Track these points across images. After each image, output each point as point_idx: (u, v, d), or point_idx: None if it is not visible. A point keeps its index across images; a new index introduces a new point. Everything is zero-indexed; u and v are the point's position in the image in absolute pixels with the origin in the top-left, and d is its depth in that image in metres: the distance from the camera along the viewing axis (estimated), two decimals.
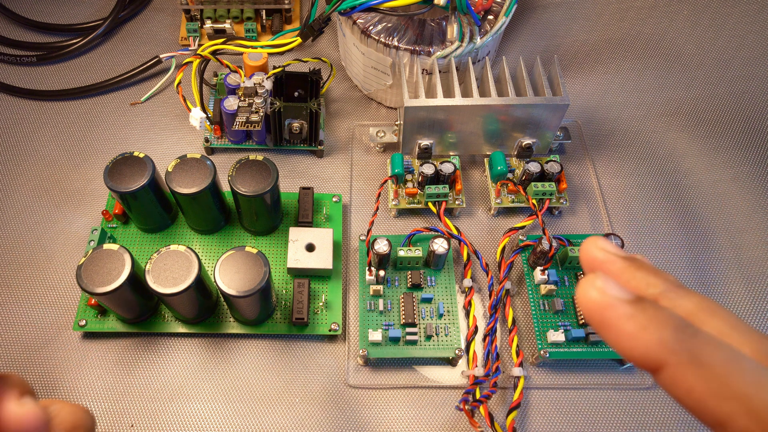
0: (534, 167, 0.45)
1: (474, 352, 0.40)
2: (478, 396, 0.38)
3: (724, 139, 0.52)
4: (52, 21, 0.57)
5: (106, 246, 0.37)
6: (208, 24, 0.55)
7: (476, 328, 0.40)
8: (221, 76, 0.51)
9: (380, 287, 0.42)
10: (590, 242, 0.20)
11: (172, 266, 0.36)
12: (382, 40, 0.46)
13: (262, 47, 0.50)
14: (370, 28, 0.46)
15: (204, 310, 0.40)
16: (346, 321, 0.42)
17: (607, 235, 0.41)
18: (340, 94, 0.54)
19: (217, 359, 0.41)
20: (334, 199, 0.47)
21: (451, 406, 0.40)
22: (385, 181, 0.46)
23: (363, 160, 0.50)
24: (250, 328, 0.41)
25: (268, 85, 0.45)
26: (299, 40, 0.50)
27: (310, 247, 0.43)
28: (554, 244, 0.41)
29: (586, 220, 0.48)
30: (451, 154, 0.48)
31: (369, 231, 0.42)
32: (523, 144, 0.46)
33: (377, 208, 0.43)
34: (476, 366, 0.39)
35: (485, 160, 0.48)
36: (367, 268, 0.42)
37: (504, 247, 0.44)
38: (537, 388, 0.41)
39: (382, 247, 0.40)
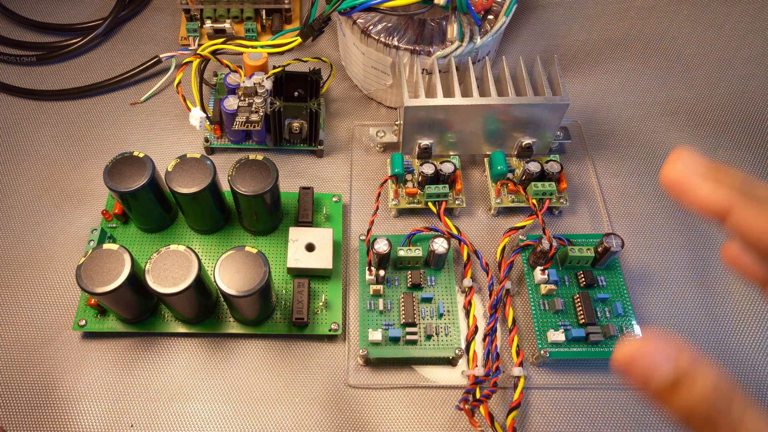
0: (534, 167, 0.45)
1: (474, 351, 0.40)
2: (478, 396, 0.38)
3: (724, 139, 0.52)
4: (52, 21, 0.57)
5: (105, 246, 0.37)
6: (208, 24, 0.55)
7: (476, 327, 0.40)
8: (221, 76, 0.51)
9: (380, 287, 0.42)
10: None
11: (171, 266, 0.36)
12: (382, 39, 0.46)
13: (262, 47, 0.50)
14: (370, 27, 0.46)
15: (204, 310, 0.40)
16: (346, 321, 0.42)
17: (606, 235, 0.41)
18: (340, 94, 0.54)
19: (217, 359, 0.41)
20: (334, 199, 0.47)
21: (451, 406, 0.40)
22: (385, 180, 0.46)
23: (363, 160, 0.50)
24: (250, 328, 0.41)
25: (268, 84, 0.45)
26: (299, 39, 0.50)
27: (310, 247, 0.43)
28: (554, 243, 0.41)
29: (586, 219, 0.48)
30: (451, 153, 0.48)
31: (369, 231, 0.42)
32: (523, 144, 0.46)
33: (377, 208, 0.43)
34: (476, 366, 0.39)
35: (485, 159, 0.48)
36: (367, 267, 0.42)
37: (504, 247, 0.44)
38: (537, 388, 0.41)
39: (382, 246, 0.40)
